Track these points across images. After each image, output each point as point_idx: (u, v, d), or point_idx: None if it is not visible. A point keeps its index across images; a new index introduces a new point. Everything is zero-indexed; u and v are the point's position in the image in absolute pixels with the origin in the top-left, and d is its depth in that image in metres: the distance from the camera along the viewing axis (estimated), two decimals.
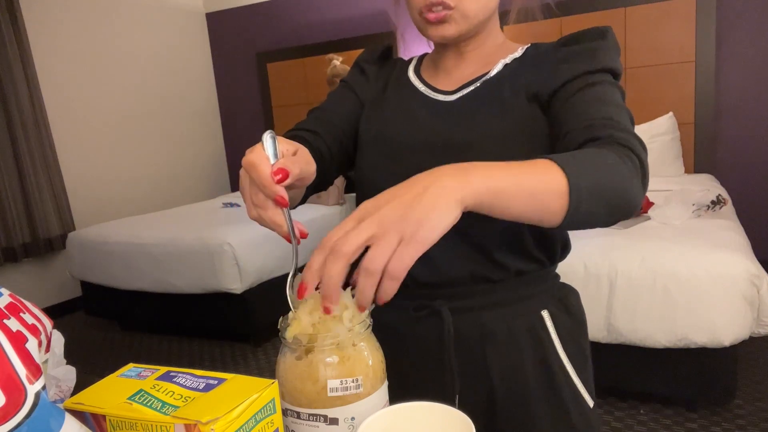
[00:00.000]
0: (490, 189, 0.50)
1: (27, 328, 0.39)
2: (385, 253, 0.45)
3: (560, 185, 0.53)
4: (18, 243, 3.49)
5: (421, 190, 0.48)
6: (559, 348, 0.78)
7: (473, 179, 0.49)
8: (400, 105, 0.83)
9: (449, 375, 0.76)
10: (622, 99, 0.69)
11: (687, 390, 2.01)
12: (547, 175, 0.53)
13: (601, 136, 0.62)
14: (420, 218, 0.46)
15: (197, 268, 2.91)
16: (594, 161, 0.57)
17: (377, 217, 0.47)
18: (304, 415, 0.51)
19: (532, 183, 0.53)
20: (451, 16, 0.73)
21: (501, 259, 0.75)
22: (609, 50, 0.72)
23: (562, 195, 0.53)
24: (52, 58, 3.77)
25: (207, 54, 5.06)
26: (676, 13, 3.28)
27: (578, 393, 0.79)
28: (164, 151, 4.61)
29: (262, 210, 0.55)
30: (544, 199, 0.53)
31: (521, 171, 0.53)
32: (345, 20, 4.38)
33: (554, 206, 0.54)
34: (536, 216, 0.54)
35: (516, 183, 0.52)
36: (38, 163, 3.56)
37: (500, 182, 0.51)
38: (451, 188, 0.48)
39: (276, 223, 0.55)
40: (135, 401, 0.44)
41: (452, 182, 0.49)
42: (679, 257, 1.88)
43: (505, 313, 0.77)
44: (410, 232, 0.46)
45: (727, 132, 3.37)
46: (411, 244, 0.46)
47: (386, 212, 0.47)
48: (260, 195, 0.55)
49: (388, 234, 0.46)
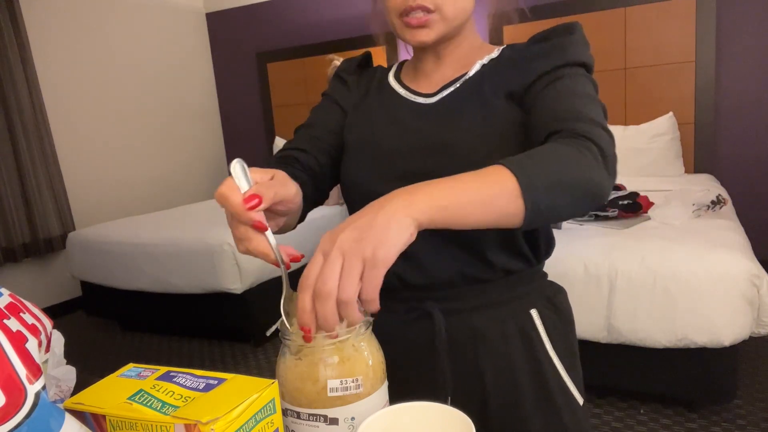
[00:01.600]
0: (435, 206, 0.52)
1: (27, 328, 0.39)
2: (355, 283, 0.48)
3: (511, 188, 0.55)
4: (18, 243, 3.49)
5: (373, 214, 0.50)
6: (548, 347, 0.78)
7: (417, 199, 0.52)
8: (382, 109, 0.84)
9: (441, 377, 0.76)
10: (594, 91, 0.70)
11: (687, 390, 2.01)
12: (497, 181, 0.55)
13: (562, 129, 0.63)
14: (376, 240, 0.49)
15: (197, 268, 2.91)
16: (548, 157, 0.58)
17: (338, 246, 0.49)
18: (304, 415, 0.51)
19: (482, 191, 0.54)
20: (431, 20, 0.73)
21: (490, 258, 0.75)
22: (578, 44, 0.73)
23: (516, 197, 0.55)
24: (52, 58, 3.77)
25: (207, 54, 5.06)
26: (676, 13, 3.28)
27: (568, 391, 0.79)
28: (164, 151, 4.61)
29: (247, 242, 0.56)
30: (498, 203, 0.54)
31: (469, 182, 0.54)
32: (345, 20, 4.38)
33: (510, 209, 0.55)
34: (496, 221, 0.56)
35: (464, 195, 0.53)
36: (38, 163, 3.56)
37: (445, 199, 0.53)
38: (400, 209, 0.51)
39: (262, 252, 0.56)
40: (135, 401, 0.44)
41: (400, 203, 0.51)
42: (679, 257, 1.88)
43: (496, 313, 0.77)
44: (370, 253, 0.48)
45: (727, 132, 3.37)
46: (374, 266, 0.48)
47: (344, 238, 0.49)
48: (241, 227, 0.55)
49: (351, 260, 0.48)
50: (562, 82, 0.69)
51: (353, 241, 0.49)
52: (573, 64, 0.71)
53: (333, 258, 0.48)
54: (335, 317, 0.48)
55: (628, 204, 2.35)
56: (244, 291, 2.92)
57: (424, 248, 0.76)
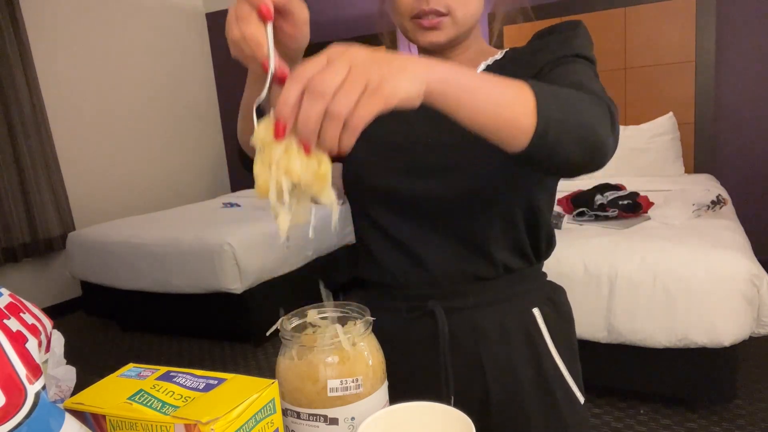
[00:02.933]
0: (451, 82, 0.49)
1: (27, 328, 0.39)
2: (351, 100, 0.43)
3: (529, 103, 0.53)
4: (18, 243, 3.49)
5: (392, 55, 0.46)
6: (550, 345, 0.79)
7: (438, 68, 0.49)
8: None
9: (444, 375, 0.77)
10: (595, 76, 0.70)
11: (687, 390, 2.01)
12: (518, 92, 0.53)
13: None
14: (388, 72, 0.45)
15: (197, 268, 2.91)
16: (569, 94, 0.57)
17: (348, 58, 0.45)
18: (304, 415, 0.51)
19: (501, 93, 0.52)
20: (443, 23, 0.73)
21: (492, 254, 0.76)
22: (583, 39, 0.73)
23: (530, 114, 0.52)
24: (52, 58, 3.77)
25: (207, 54, 5.05)
26: (676, 13, 3.28)
27: (569, 389, 0.80)
28: (164, 151, 4.61)
29: (244, 24, 0.51)
30: (512, 110, 0.52)
31: (491, 79, 0.52)
32: (344, 20, 4.38)
33: (520, 121, 0.52)
34: (503, 129, 0.53)
35: (484, 87, 0.51)
36: (38, 163, 3.56)
37: (463, 80, 0.50)
38: (420, 65, 0.47)
39: (255, 42, 0.51)
40: (135, 401, 0.44)
41: (421, 62, 0.48)
42: (679, 257, 1.88)
43: (498, 311, 0.78)
44: (376, 81, 0.44)
45: (727, 132, 3.36)
46: (375, 95, 0.44)
47: (358, 54, 0.45)
48: (245, 6, 0.52)
49: (357, 75, 0.44)
50: (566, 66, 0.69)
51: (367, 60, 0.45)
52: (579, 56, 0.71)
53: (340, 64, 0.44)
54: (317, 123, 0.44)
55: (628, 204, 2.35)
56: (244, 291, 2.92)
57: (427, 246, 0.76)
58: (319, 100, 0.43)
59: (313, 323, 0.59)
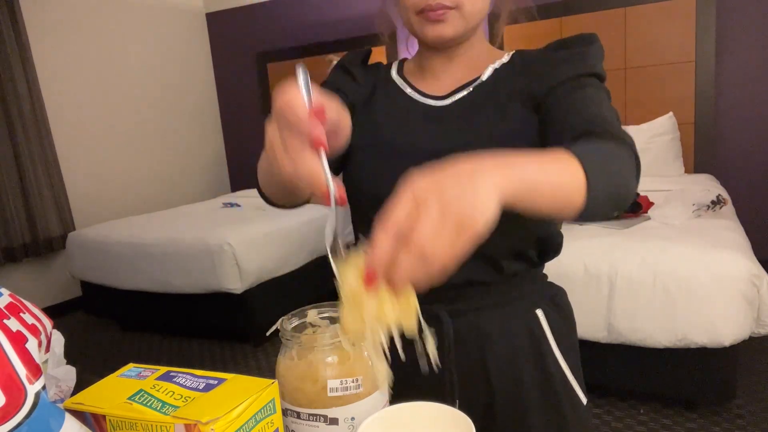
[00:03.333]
0: (524, 187, 0.47)
1: (27, 328, 0.39)
2: (446, 245, 0.42)
3: (579, 181, 0.52)
4: (18, 243, 3.49)
5: (470, 182, 0.44)
6: (554, 346, 0.79)
7: (512, 175, 0.46)
8: (390, 110, 0.82)
9: (449, 378, 0.76)
10: (610, 102, 0.72)
11: (687, 390, 2.01)
12: (570, 171, 0.52)
13: (596, 131, 0.63)
14: (472, 204, 0.43)
15: (197, 268, 2.91)
16: (608, 158, 0.57)
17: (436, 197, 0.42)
18: (304, 415, 0.51)
19: (559, 178, 0.51)
20: (450, 16, 0.73)
21: (497, 261, 0.75)
22: (597, 55, 0.74)
23: (581, 190, 0.52)
24: (52, 58, 3.77)
25: (207, 54, 5.05)
26: (676, 13, 3.28)
27: (572, 390, 0.80)
28: (164, 151, 4.61)
29: (299, 160, 0.47)
30: (567, 194, 0.52)
31: (548, 163, 0.51)
32: (345, 20, 4.38)
33: (573, 200, 0.53)
34: (556, 212, 0.53)
35: (545, 179, 0.50)
36: (38, 163, 3.56)
37: (531, 177, 0.48)
38: (494, 185, 0.45)
39: (312, 175, 0.47)
40: (135, 401, 0.44)
41: (497, 177, 0.45)
42: (679, 257, 1.88)
43: (502, 314, 0.78)
44: (467, 217, 0.42)
45: (727, 132, 3.36)
46: (466, 234, 0.42)
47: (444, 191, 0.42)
48: (296, 141, 0.48)
49: (448, 223, 0.42)
50: (585, 91, 0.70)
51: (453, 196, 0.42)
52: (592, 74, 0.72)
53: (431, 208, 0.41)
54: (412, 272, 0.42)
55: None
56: (244, 291, 2.92)
57: None
58: (414, 252, 0.41)
59: (313, 323, 0.59)
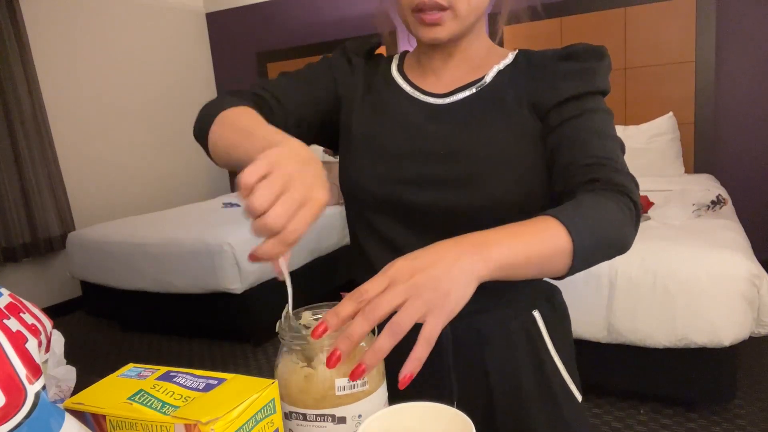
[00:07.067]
0: (503, 265, 0.52)
1: (27, 328, 0.39)
2: (412, 318, 0.46)
3: (566, 248, 0.56)
4: (18, 243, 3.49)
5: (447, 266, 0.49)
6: (550, 346, 0.79)
7: (491, 258, 0.51)
8: (388, 106, 0.80)
9: (448, 380, 0.77)
10: (612, 123, 0.73)
11: (687, 390, 2.01)
12: (554, 239, 0.55)
13: (600, 178, 0.65)
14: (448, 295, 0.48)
15: (197, 268, 2.91)
16: (598, 216, 0.59)
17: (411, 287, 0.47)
18: (311, 416, 0.51)
19: (542, 249, 0.55)
20: (445, 18, 0.71)
21: None
22: (606, 72, 0.74)
23: (567, 256, 0.56)
24: (52, 58, 3.77)
25: (207, 54, 5.05)
26: (676, 13, 3.28)
27: (568, 388, 0.80)
28: (164, 151, 4.61)
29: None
30: (551, 261, 0.56)
31: (532, 238, 0.54)
32: (345, 20, 4.38)
33: (558, 266, 0.57)
34: (541, 276, 0.57)
35: (528, 253, 0.53)
36: (38, 163, 3.56)
37: (512, 257, 0.52)
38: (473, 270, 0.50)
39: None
40: (135, 401, 0.44)
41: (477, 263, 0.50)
42: (679, 257, 1.88)
43: (499, 315, 0.77)
44: (439, 305, 0.47)
45: (727, 132, 3.37)
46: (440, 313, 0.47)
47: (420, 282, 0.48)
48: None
49: (417, 301, 0.47)
50: (592, 117, 0.71)
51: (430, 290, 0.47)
52: (600, 92, 0.73)
53: (400, 292, 0.47)
54: (362, 339, 0.47)
55: None
56: (244, 291, 2.92)
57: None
58: (369, 323, 0.46)
59: (307, 325, 0.58)
